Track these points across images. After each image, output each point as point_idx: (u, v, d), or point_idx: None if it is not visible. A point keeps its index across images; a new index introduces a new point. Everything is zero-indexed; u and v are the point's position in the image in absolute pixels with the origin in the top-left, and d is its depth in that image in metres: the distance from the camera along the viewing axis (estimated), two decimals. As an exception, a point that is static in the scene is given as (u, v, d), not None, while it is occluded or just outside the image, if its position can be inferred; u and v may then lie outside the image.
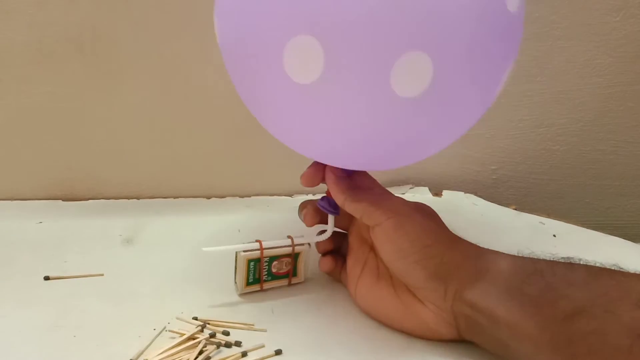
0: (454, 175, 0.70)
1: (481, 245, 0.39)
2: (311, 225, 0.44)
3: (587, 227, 0.59)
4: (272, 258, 0.43)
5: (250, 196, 0.66)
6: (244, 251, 0.42)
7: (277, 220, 0.57)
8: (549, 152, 0.71)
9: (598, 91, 0.67)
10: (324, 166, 0.43)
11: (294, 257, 0.44)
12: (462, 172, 0.70)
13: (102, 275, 0.46)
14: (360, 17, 0.30)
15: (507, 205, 0.66)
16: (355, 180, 0.42)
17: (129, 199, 0.63)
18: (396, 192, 0.43)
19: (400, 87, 0.31)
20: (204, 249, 0.41)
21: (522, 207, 0.65)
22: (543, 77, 0.66)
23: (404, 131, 0.35)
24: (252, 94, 0.37)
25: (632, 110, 0.69)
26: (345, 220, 0.45)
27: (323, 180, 0.43)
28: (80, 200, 0.62)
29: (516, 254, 0.38)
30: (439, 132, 0.37)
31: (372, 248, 0.42)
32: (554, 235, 0.57)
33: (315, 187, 0.45)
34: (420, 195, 0.67)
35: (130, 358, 0.35)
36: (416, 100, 0.32)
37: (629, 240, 0.57)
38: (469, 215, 0.62)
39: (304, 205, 0.45)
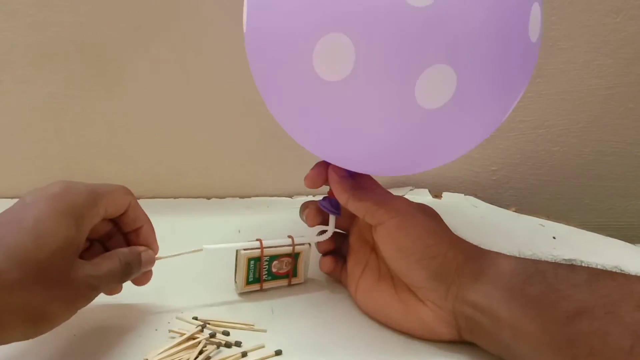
0: (453, 177, 0.70)
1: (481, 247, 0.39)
2: (313, 226, 0.45)
3: (587, 229, 0.59)
4: (273, 257, 0.43)
5: (250, 197, 0.66)
6: (245, 249, 0.42)
7: (277, 221, 0.57)
8: (549, 153, 0.71)
9: (598, 92, 0.67)
10: (327, 167, 0.43)
11: (294, 257, 0.44)
12: (462, 173, 0.70)
13: (102, 275, 0.46)
14: (395, 20, 0.30)
15: (507, 206, 0.66)
16: (357, 181, 0.43)
17: (129, 199, 0.63)
18: (396, 193, 0.43)
19: (423, 98, 0.32)
20: (205, 246, 0.41)
21: (521, 208, 0.65)
22: (543, 78, 0.66)
23: (420, 139, 0.35)
24: (277, 91, 0.37)
25: (632, 112, 0.69)
26: (346, 220, 0.45)
27: (326, 182, 0.43)
28: (80, 200, 0.62)
29: (517, 255, 0.38)
30: (449, 145, 0.37)
31: (374, 248, 0.42)
32: (554, 238, 0.57)
33: (316, 189, 0.45)
34: (420, 197, 0.67)
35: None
36: (436, 111, 0.33)
37: (628, 241, 0.57)
38: (469, 217, 0.62)
39: (305, 206, 0.46)
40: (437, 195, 0.68)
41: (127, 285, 0.44)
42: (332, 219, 0.44)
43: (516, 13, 0.33)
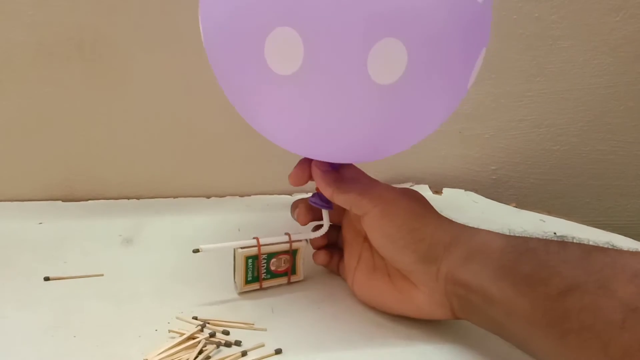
0: (454, 176, 0.70)
1: None
2: (305, 224, 0.45)
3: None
4: (270, 255, 0.43)
5: (250, 195, 0.66)
6: (242, 248, 0.42)
7: (277, 219, 0.57)
8: (549, 152, 0.71)
9: (598, 91, 0.67)
10: (310, 163, 0.43)
11: (292, 253, 0.44)
12: (462, 172, 0.70)
13: (102, 275, 0.46)
14: (336, 6, 0.31)
15: (507, 203, 0.66)
16: (341, 173, 0.43)
17: (129, 199, 0.63)
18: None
19: (377, 74, 0.32)
20: (202, 246, 0.41)
21: (522, 207, 0.65)
22: (543, 77, 0.66)
23: (382, 118, 0.36)
24: (235, 88, 0.38)
25: (632, 110, 0.69)
26: (338, 214, 0.45)
27: (311, 178, 0.43)
28: (80, 200, 0.62)
29: (508, 233, 0.37)
30: (414, 120, 0.38)
31: (366, 239, 0.42)
32: (555, 233, 0.57)
33: (313, 186, 0.45)
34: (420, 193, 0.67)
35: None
36: (393, 86, 0.33)
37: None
38: (469, 213, 0.62)
39: (296, 205, 0.46)
40: (437, 191, 0.68)
41: (127, 284, 0.44)
42: (325, 213, 0.44)
43: None
